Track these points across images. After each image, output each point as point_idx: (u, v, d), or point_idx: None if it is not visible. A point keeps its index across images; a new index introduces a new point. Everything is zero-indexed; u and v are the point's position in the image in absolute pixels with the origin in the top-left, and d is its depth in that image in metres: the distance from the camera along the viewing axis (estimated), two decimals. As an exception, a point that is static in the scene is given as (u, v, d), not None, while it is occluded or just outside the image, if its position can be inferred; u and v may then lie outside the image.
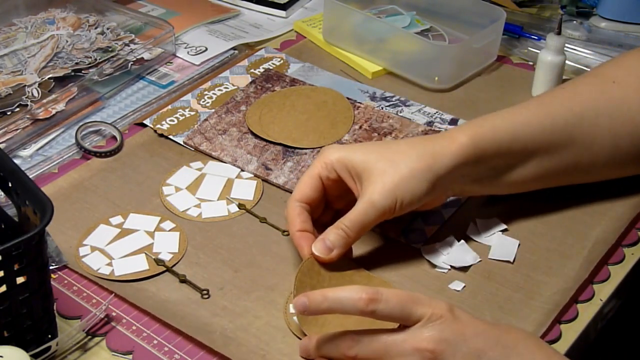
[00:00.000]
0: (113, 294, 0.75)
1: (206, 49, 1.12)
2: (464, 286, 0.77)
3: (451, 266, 0.78)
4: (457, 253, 0.79)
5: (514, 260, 0.79)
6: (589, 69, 1.07)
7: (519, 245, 0.81)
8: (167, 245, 0.81)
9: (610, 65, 0.85)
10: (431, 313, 0.63)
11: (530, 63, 1.10)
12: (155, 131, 0.97)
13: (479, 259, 0.79)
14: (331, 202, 0.80)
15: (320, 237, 0.75)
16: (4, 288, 0.64)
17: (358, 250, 0.79)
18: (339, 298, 0.64)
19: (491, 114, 0.80)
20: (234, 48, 1.13)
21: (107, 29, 1.11)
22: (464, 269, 0.78)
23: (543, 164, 0.80)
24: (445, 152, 0.75)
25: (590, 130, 0.80)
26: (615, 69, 0.83)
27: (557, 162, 0.80)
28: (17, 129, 0.94)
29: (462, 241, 0.81)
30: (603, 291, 0.77)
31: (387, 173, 0.74)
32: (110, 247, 0.81)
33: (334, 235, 0.74)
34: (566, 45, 1.03)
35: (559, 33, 1.00)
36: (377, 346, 0.64)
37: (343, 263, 0.75)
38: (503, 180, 0.80)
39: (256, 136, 0.95)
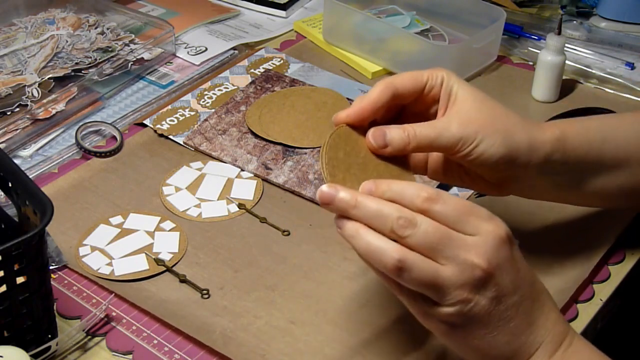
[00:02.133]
0: (113, 294, 0.75)
1: (206, 49, 1.12)
2: (464, 286, 0.76)
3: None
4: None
5: (514, 260, 0.79)
6: (589, 69, 1.07)
7: (519, 245, 0.81)
8: (167, 245, 0.81)
9: None
10: (490, 231, 0.60)
11: (530, 63, 1.10)
12: (155, 131, 0.97)
13: None
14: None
15: (382, 127, 0.67)
16: (4, 288, 0.64)
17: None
18: (403, 190, 0.60)
19: (579, 118, 0.75)
20: (234, 48, 1.13)
21: (107, 29, 1.11)
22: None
23: (633, 176, 0.74)
24: (537, 138, 0.70)
25: None
26: None
27: (628, 178, 0.74)
28: (17, 129, 0.94)
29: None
30: (603, 291, 0.77)
31: (481, 114, 0.68)
32: (110, 247, 0.81)
33: (396, 133, 0.66)
34: (566, 45, 1.03)
35: (559, 33, 1.00)
36: (438, 236, 0.58)
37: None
38: (584, 189, 0.74)
39: (256, 136, 0.95)
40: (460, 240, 0.59)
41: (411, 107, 0.71)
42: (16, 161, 0.83)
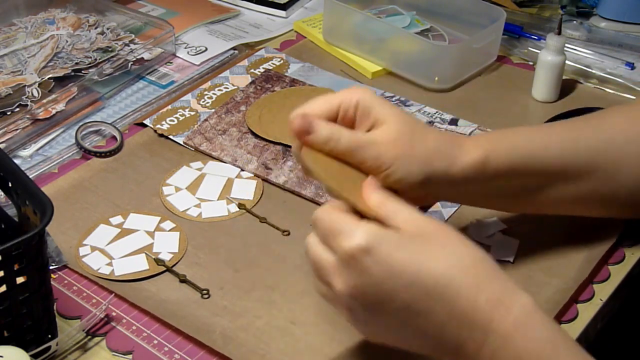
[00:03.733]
0: (113, 294, 0.75)
1: (206, 49, 1.12)
2: (464, 286, 0.76)
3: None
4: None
5: (514, 260, 0.79)
6: (589, 69, 1.07)
7: (519, 245, 0.81)
8: (167, 245, 0.81)
9: None
10: (342, 250, 0.60)
11: (530, 63, 1.10)
12: (155, 131, 0.97)
13: None
14: None
15: (312, 116, 0.68)
16: (4, 288, 0.64)
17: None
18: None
19: (512, 130, 0.75)
20: (234, 48, 1.13)
21: (107, 29, 1.11)
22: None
23: (560, 190, 0.75)
24: (455, 162, 0.70)
25: (617, 157, 0.74)
26: None
27: (577, 189, 0.75)
28: (17, 129, 0.94)
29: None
30: (603, 291, 0.77)
31: (402, 138, 0.68)
32: (110, 247, 0.81)
33: (324, 126, 0.67)
34: (566, 45, 1.03)
35: (559, 33, 1.00)
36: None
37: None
38: (514, 201, 0.76)
39: (256, 136, 0.95)
40: (324, 267, 0.61)
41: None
42: (16, 161, 0.83)
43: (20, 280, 0.64)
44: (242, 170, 0.91)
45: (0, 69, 1.03)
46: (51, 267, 0.78)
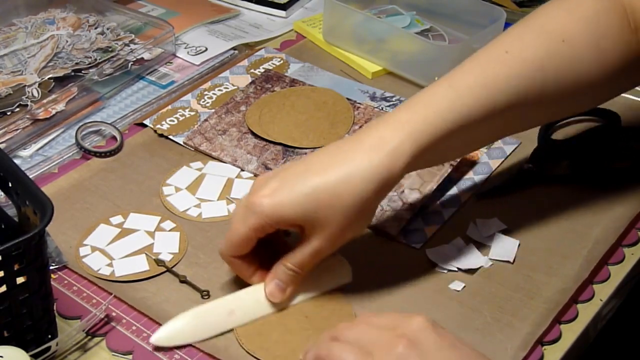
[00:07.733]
0: (113, 295, 0.75)
1: (206, 49, 1.12)
2: (464, 286, 0.77)
3: (458, 268, 0.78)
4: (467, 256, 0.79)
5: (514, 260, 0.79)
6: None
7: (519, 245, 0.81)
8: (168, 245, 0.81)
9: (560, 16, 0.76)
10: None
11: (530, 63, 1.09)
12: (155, 131, 0.97)
13: (491, 263, 0.79)
14: None
15: (271, 276, 0.73)
16: (4, 288, 0.64)
17: (358, 251, 0.79)
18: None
19: (428, 96, 0.75)
20: (234, 48, 1.13)
21: (107, 29, 1.11)
22: (470, 270, 0.78)
23: (484, 136, 0.77)
24: (392, 174, 0.69)
25: (536, 97, 0.74)
26: (566, 22, 0.75)
27: (501, 131, 0.78)
28: (17, 129, 0.94)
29: (471, 244, 0.80)
30: (603, 291, 0.77)
31: (330, 222, 0.69)
32: (110, 247, 0.81)
33: (283, 274, 0.72)
34: (566, 45, 1.03)
35: (559, 33, 1.00)
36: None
37: None
38: (473, 146, 0.81)
39: (256, 136, 0.95)
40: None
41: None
42: (16, 161, 0.83)
43: (20, 280, 0.64)
44: (242, 170, 0.91)
45: (0, 69, 1.03)
46: (51, 267, 0.78)
